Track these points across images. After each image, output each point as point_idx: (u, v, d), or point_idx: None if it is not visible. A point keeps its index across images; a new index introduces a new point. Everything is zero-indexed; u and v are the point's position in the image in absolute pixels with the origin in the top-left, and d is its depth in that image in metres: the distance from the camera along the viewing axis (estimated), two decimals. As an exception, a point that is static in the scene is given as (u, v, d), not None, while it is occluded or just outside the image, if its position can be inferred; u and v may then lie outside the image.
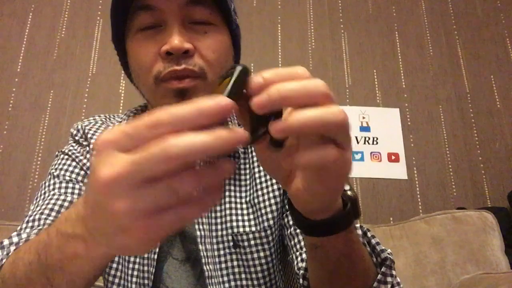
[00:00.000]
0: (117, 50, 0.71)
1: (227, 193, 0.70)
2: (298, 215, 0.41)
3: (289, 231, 0.67)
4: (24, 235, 0.60)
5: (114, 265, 0.68)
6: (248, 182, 0.71)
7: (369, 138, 1.89)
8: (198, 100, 0.29)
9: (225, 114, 0.29)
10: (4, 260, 0.53)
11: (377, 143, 1.89)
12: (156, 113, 0.29)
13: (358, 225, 0.58)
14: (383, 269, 0.53)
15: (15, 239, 0.59)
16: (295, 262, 0.63)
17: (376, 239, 0.58)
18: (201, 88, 0.62)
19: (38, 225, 0.61)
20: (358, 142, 1.89)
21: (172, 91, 0.61)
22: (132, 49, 0.65)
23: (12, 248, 0.57)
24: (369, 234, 0.59)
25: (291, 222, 0.67)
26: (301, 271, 0.60)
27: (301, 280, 0.59)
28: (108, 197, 0.30)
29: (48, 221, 0.62)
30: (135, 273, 0.66)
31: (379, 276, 0.52)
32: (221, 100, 0.29)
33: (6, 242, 0.58)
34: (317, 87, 0.33)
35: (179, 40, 0.59)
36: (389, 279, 0.53)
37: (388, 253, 0.56)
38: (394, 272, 0.54)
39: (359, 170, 1.83)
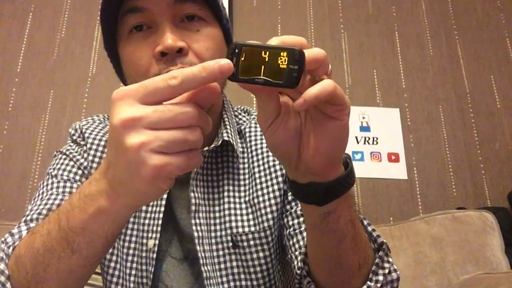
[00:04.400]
0: (110, 57, 0.70)
1: (226, 194, 0.70)
2: (315, 184, 0.45)
3: (288, 231, 0.67)
4: (32, 225, 0.60)
5: (112, 264, 0.68)
6: (247, 182, 0.71)
7: (369, 138, 1.89)
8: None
9: (225, 72, 0.37)
10: (16, 243, 0.54)
11: (377, 143, 1.89)
12: (171, 72, 0.37)
13: None
14: (380, 253, 0.54)
15: (23, 228, 0.59)
16: (295, 262, 0.63)
17: (371, 226, 0.60)
18: None
19: (37, 225, 0.61)
20: (358, 142, 1.88)
21: None
22: (126, 54, 0.64)
23: (24, 232, 0.58)
24: (365, 222, 0.60)
25: (290, 223, 0.67)
26: (300, 256, 0.60)
27: (300, 264, 0.59)
28: (125, 134, 0.36)
29: None
30: (133, 272, 0.66)
31: (377, 260, 0.53)
32: (222, 60, 0.37)
33: (15, 230, 0.59)
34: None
35: (172, 39, 0.58)
36: (386, 264, 0.54)
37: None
38: (390, 259, 0.55)
39: (359, 170, 1.83)
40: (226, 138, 0.69)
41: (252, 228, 0.67)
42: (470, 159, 1.89)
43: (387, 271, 0.54)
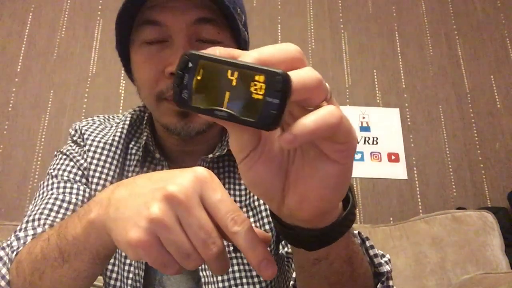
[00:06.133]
0: (121, 57, 0.70)
1: None
2: (301, 230, 0.36)
3: None
4: (39, 229, 0.60)
5: (110, 267, 0.68)
6: None
7: (369, 138, 1.89)
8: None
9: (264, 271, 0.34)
10: (20, 248, 0.54)
11: (377, 143, 1.89)
12: (242, 217, 0.34)
13: (356, 231, 0.56)
14: (378, 286, 0.51)
15: (30, 232, 0.59)
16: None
17: (374, 250, 0.55)
18: None
19: (38, 225, 0.61)
20: (358, 142, 1.88)
21: (174, 111, 0.61)
22: (136, 62, 0.64)
23: (29, 238, 0.58)
24: (367, 244, 0.55)
25: None
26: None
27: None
28: (159, 199, 0.33)
29: (48, 221, 0.62)
30: (131, 275, 0.66)
31: None
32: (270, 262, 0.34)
33: (21, 234, 0.59)
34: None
35: None
36: None
37: (385, 261, 0.54)
38: (391, 283, 0.52)
39: (359, 170, 1.83)
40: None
41: None
42: (470, 159, 1.89)
43: None
